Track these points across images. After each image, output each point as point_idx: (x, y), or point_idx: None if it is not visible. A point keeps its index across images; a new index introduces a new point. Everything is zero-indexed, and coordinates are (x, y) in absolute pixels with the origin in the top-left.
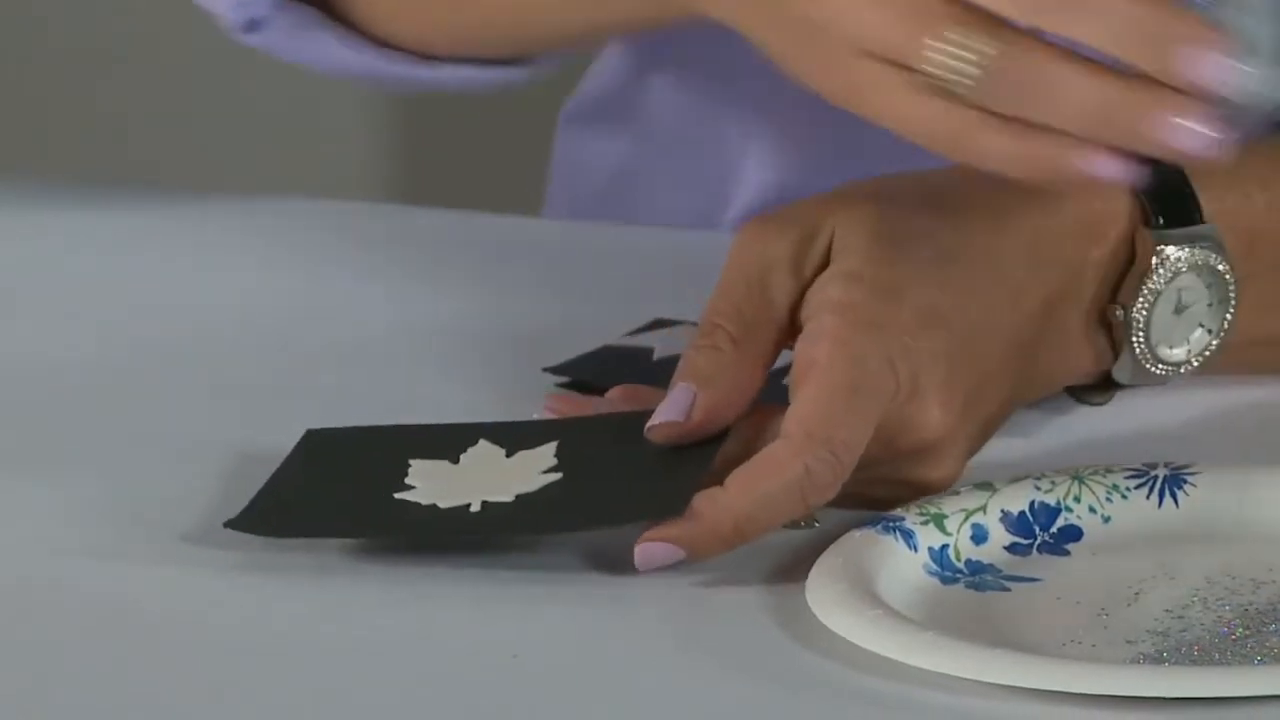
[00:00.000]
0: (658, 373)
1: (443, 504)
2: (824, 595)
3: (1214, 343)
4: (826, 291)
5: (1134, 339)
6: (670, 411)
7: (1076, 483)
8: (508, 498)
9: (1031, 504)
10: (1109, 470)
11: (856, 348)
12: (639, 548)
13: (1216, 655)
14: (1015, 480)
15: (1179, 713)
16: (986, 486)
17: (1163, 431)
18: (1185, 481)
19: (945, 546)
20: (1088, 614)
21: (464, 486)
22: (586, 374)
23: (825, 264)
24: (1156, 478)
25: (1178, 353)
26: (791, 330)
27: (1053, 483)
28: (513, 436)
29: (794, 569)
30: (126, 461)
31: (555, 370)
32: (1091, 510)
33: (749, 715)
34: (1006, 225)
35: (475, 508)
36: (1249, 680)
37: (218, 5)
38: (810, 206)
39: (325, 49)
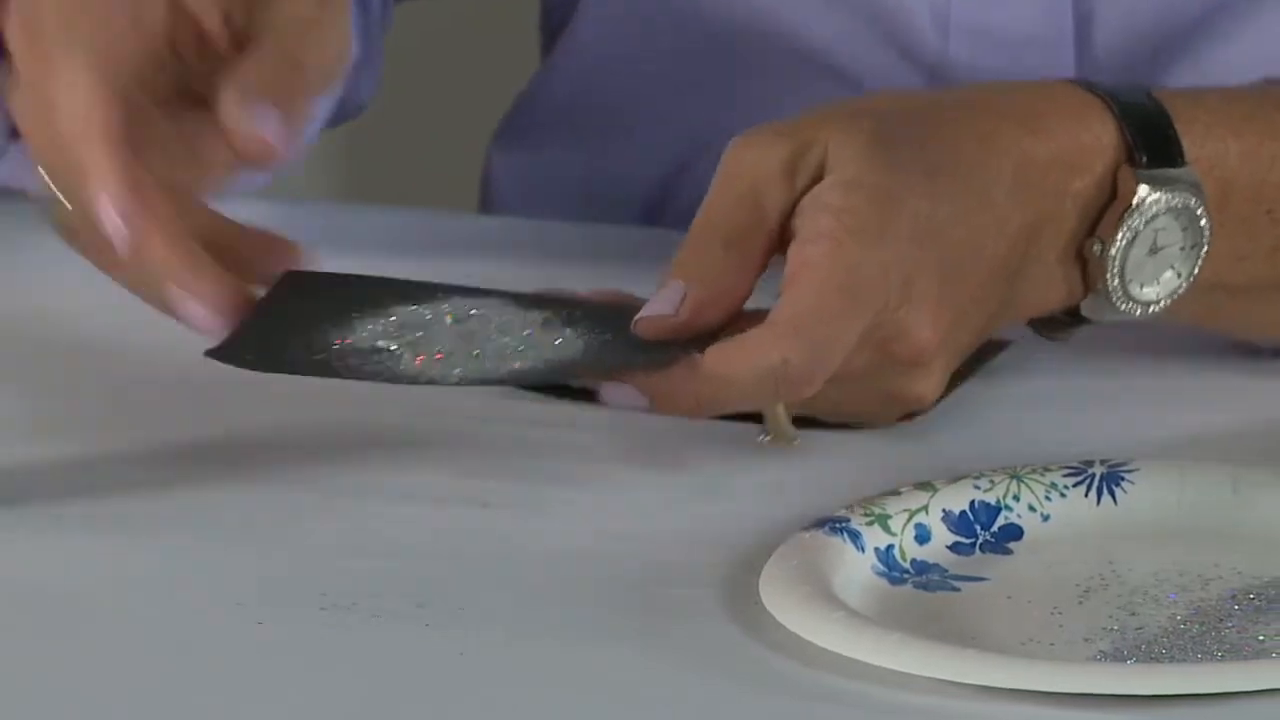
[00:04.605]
0: None
1: (421, 358)
2: (784, 599)
3: (1182, 286)
4: (824, 197)
5: (1108, 274)
6: (659, 305)
7: (1015, 481)
8: (487, 358)
9: (972, 503)
10: (1047, 469)
11: (852, 251)
12: (607, 384)
13: (1177, 652)
14: (955, 480)
15: (1146, 710)
16: (927, 486)
17: (1097, 427)
18: (1123, 479)
19: (891, 547)
20: (1041, 613)
21: (446, 342)
22: None
23: (818, 177)
24: (1094, 475)
25: (1148, 292)
26: (782, 240)
27: (991, 481)
28: (504, 303)
29: (745, 567)
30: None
31: None
32: (1031, 509)
33: (706, 714)
34: (994, 146)
35: (456, 366)
36: (1215, 676)
37: None
38: (802, 121)
39: None
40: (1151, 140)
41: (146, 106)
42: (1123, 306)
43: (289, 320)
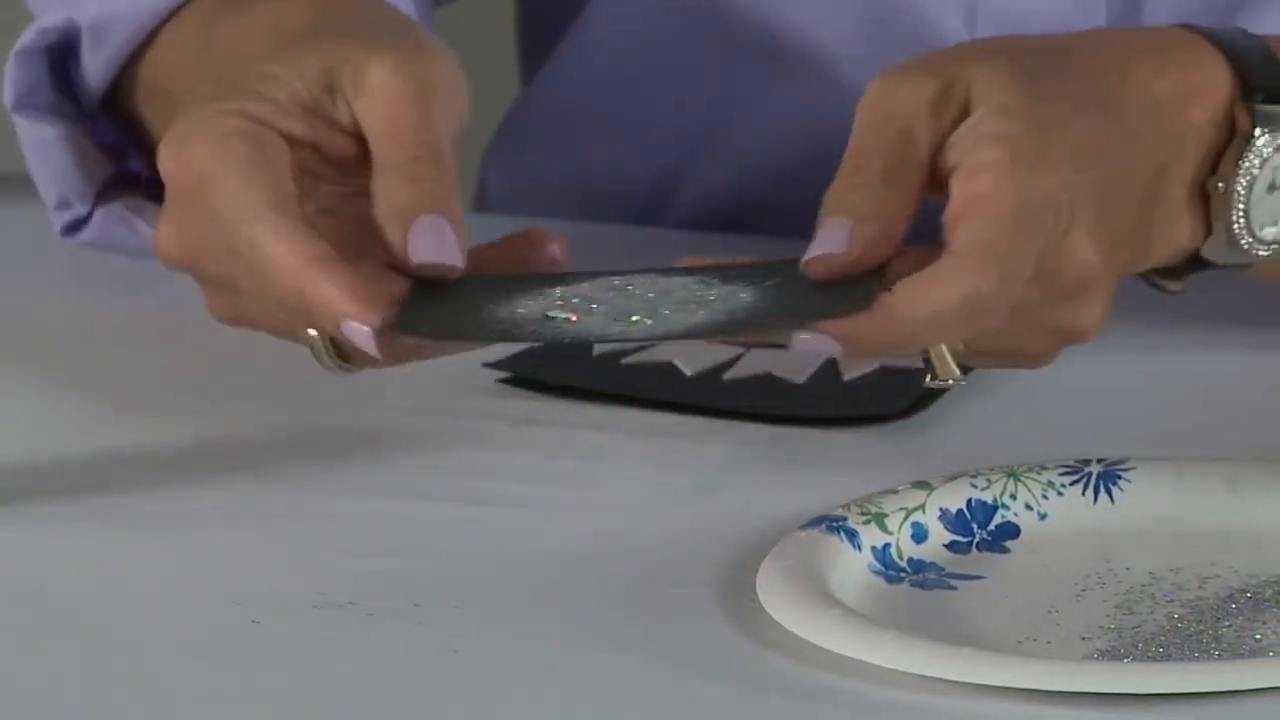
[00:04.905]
0: (600, 367)
1: (593, 325)
2: (781, 597)
3: None
4: (983, 128)
5: (1232, 213)
6: (827, 244)
7: (1012, 480)
8: (667, 314)
9: (969, 502)
10: (1044, 467)
11: (1020, 178)
12: (800, 334)
13: (1174, 651)
14: (952, 478)
15: (1143, 708)
16: (924, 485)
17: (1094, 426)
18: (1119, 477)
19: (888, 545)
20: (1038, 612)
21: (618, 305)
22: (528, 369)
23: (962, 114)
24: (1091, 474)
25: (1270, 231)
26: (933, 177)
27: (988, 480)
28: (650, 276)
29: (742, 566)
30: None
31: (496, 366)
32: (1028, 507)
33: (703, 712)
34: (1130, 82)
35: (640, 323)
36: (1213, 675)
37: (49, 207)
38: (941, 58)
39: (141, 238)
40: (1265, 78)
41: (321, 223)
42: (1245, 245)
43: (449, 304)
